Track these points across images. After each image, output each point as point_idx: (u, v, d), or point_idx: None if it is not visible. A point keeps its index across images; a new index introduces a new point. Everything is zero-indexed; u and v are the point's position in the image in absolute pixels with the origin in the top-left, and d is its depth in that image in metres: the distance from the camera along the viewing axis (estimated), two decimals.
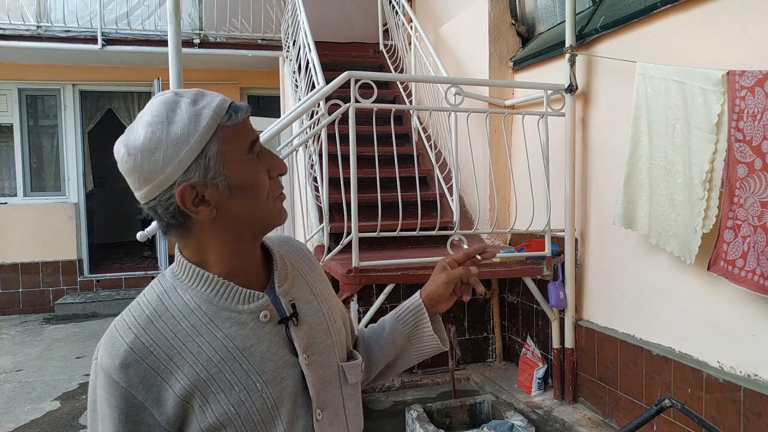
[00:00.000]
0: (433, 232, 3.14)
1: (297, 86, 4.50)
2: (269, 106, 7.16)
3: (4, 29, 5.54)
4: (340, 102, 2.90)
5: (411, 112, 4.54)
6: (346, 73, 2.88)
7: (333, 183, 3.18)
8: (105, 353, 0.79)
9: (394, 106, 3.34)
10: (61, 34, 5.72)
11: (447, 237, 3.11)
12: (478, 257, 1.05)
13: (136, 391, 0.76)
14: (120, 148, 0.80)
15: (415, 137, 4.48)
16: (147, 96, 7.01)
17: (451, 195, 3.61)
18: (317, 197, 3.53)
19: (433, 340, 1.06)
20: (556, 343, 3.31)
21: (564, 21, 3.09)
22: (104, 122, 7.31)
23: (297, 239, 1.03)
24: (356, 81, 2.87)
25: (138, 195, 0.81)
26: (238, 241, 0.85)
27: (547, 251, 3.17)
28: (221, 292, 0.83)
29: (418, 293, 1.07)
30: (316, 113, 3.14)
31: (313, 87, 3.59)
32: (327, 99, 2.94)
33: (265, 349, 0.83)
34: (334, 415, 0.90)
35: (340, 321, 1.00)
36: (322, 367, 0.89)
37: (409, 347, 1.08)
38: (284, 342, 0.86)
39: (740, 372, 2.26)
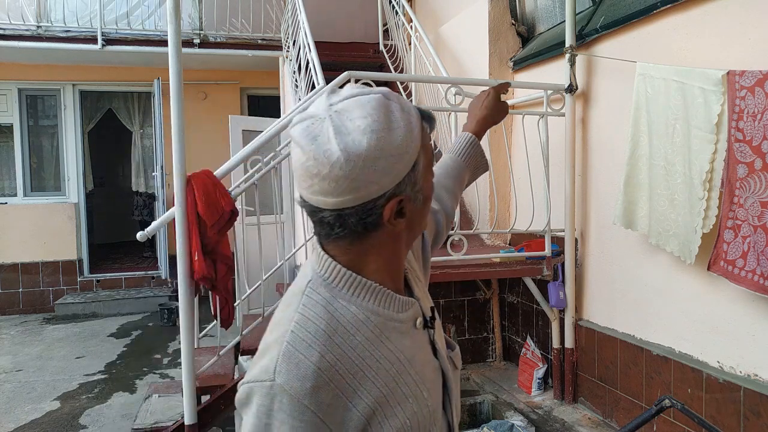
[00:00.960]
0: None
1: (297, 86, 4.50)
2: (269, 106, 7.16)
3: (4, 29, 5.54)
4: None
5: None
6: (346, 73, 2.88)
7: None
8: (290, 375, 0.71)
9: None
10: (61, 34, 5.71)
11: (447, 237, 3.10)
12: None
13: (325, 416, 0.71)
14: (333, 152, 0.71)
15: None
16: (147, 96, 7.01)
17: None
18: None
19: (486, 162, 1.34)
20: (556, 343, 3.31)
21: (564, 21, 3.09)
22: (104, 122, 7.31)
23: None
24: (356, 81, 2.87)
25: (329, 201, 0.73)
26: (406, 250, 0.83)
27: (547, 251, 3.17)
28: (383, 301, 0.79)
29: (465, 133, 1.30)
30: None
31: (313, 87, 3.59)
32: None
33: (423, 356, 0.82)
34: (454, 402, 0.91)
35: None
36: (444, 362, 0.89)
37: (472, 176, 1.32)
38: (429, 346, 0.85)
39: (740, 372, 2.26)
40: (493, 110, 1.33)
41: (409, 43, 4.66)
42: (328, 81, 3.02)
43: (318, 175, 0.72)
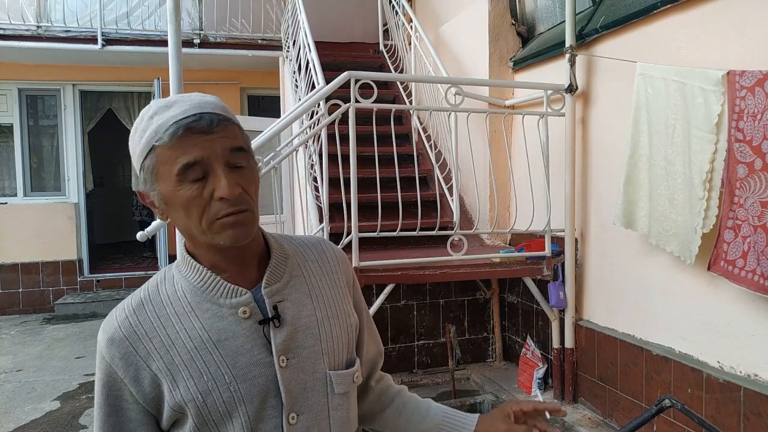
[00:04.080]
0: (433, 232, 3.14)
1: (297, 86, 4.50)
2: (269, 106, 7.16)
3: (4, 29, 5.54)
4: (340, 102, 2.90)
5: (411, 112, 4.53)
6: (346, 73, 2.88)
7: (333, 183, 3.18)
8: (101, 329, 0.87)
9: (394, 106, 3.34)
10: (61, 34, 5.72)
11: (447, 237, 3.11)
12: (548, 415, 1.01)
13: (117, 367, 0.84)
14: None
15: (415, 137, 4.48)
16: (147, 96, 7.01)
17: (451, 195, 3.61)
18: (317, 197, 3.52)
19: None
20: (556, 343, 3.31)
21: (564, 21, 3.09)
22: (104, 122, 7.31)
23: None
24: (356, 81, 2.87)
25: None
26: (197, 246, 0.88)
27: (547, 251, 3.17)
28: (207, 284, 0.87)
29: (475, 419, 1.04)
30: (316, 113, 3.14)
31: (313, 87, 3.59)
32: (327, 99, 2.94)
33: (239, 344, 0.85)
34: (315, 422, 0.89)
35: (344, 329, 0.96)
36: (304, 372, 0.89)
37: None
38: (262, 341, 0.87)
39: (740, 372, 2.26)
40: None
41: (409, 43, 4.66)
42: (328, 81, 3.02)
43: None
